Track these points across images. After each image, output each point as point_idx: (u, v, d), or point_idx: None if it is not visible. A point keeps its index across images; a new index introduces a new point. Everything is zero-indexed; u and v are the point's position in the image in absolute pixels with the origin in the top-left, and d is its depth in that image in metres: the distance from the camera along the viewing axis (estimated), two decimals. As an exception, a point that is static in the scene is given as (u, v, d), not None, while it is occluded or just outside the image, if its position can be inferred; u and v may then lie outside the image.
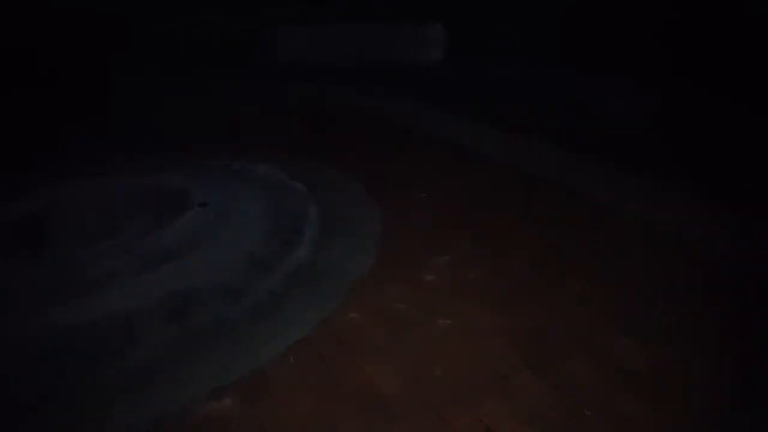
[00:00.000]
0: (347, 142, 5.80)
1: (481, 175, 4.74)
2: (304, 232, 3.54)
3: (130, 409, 2.22)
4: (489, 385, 2.30)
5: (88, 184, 4.01)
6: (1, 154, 5.39)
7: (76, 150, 5.51)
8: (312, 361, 2.47)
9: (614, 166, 4.88)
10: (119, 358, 2.47)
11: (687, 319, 2.71)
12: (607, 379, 2.29)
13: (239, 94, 8.17)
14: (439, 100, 7.48)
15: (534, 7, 9.82)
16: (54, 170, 4.75)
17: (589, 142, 5.55)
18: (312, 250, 3.38)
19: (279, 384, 2.33)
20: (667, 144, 5.62)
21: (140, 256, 3.02)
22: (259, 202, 3.89)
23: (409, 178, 4.68)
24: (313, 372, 2.40)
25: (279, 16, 9.44)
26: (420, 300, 2.91)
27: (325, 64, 8.86)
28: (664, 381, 2.29)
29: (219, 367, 2.41)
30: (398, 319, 2.76)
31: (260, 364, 2.43)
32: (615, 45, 9.08)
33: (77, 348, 2.50)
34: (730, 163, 5.01)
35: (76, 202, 3.78)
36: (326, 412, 2.17)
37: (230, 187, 4.03)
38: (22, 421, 2.18)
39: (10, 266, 3.06)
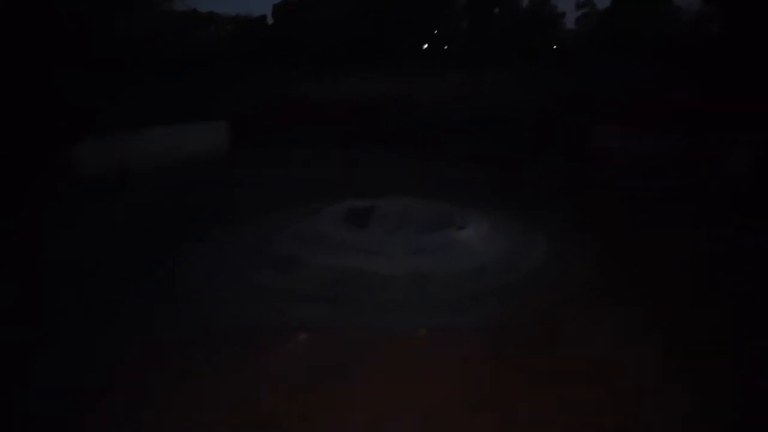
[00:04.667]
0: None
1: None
2: (520, 269, 4.61)
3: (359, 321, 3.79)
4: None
5: (400, 201, 5.91)
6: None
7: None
8: (479, 342, 3.54)
9: None
10: (376, 294, 4.12)
11: None
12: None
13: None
14: None
15: None
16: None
17: None
18: (516, 281, 4.42)
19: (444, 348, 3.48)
20: None
21: (408, 247, 4.68)
22: (503, 238, 5.10)
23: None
24: (474, 346, 3.47)
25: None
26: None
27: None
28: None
29: (420, 321, 3.77)
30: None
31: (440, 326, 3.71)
32: None
33: (358, 284, 4.25)
34: None
35: (391, 210, 5.67)
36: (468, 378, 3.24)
37: (490, 223, 5.34)
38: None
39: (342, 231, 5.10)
